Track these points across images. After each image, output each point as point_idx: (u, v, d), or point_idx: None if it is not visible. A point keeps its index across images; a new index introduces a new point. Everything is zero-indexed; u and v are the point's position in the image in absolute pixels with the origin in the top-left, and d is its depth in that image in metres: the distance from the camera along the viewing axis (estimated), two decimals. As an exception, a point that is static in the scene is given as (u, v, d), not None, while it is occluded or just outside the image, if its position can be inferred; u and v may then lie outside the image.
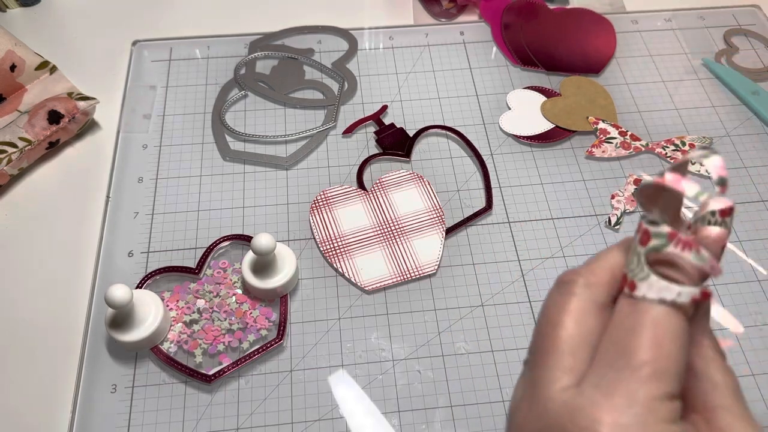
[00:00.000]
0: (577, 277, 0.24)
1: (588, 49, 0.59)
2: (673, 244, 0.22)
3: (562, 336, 0.22)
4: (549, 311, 0.24)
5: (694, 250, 0.21)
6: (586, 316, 0.23)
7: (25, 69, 0.52)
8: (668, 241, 0.22)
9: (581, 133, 0.53)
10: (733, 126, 0.54)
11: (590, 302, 0.23)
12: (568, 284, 0.24)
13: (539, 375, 0.22)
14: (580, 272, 0.24)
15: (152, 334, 0.40)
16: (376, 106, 0.54)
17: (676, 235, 0.21)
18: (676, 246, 0.21)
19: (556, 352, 0.22)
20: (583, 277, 0.24)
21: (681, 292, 0.21)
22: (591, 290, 0.23)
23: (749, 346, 0.42)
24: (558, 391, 0.21)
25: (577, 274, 0.24)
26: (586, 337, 0.22)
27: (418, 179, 0.49)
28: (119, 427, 0.39)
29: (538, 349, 0.23)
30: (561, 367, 0.22)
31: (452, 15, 0.62)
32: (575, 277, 0.24)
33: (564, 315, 0.23)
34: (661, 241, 0.22)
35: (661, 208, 0.23)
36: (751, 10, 0.63)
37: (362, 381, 0.41)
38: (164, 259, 0.46)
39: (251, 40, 0.59)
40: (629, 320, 0.21)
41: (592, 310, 0.23)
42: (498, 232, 0.47)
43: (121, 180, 0.50)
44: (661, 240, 0.22)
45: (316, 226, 0.47)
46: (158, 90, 0.55)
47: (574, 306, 0.23)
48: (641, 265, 0.22)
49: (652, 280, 0.21)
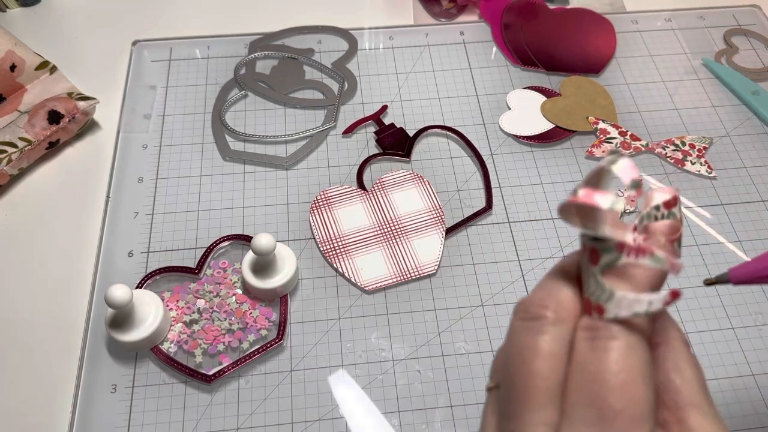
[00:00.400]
0: (545, 311, 0.22)
1: (588, 49, 0.59)
2: (625, 255, 0.21)
3: (538, 387, 0.21)
4: (521, 356, 0.22)
5: (648, 254, 0.20)
6: (560, 361, 0.21)
7: (25, 69, 0.52)
8: (619, 252, 0.21)
9: (581, 133, 0.53)
10: (733, 126, 0.54)
11: (562, 342, 0.21)
12: (536, 321, 0.22)
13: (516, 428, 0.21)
14: (547, 305, 0.22)
15: (152, 334, 0.40)
16: (376, 106, 0.54)
17: (625, 245, 0.20)
18: (629, 255, 0.20)
19: (534, 405, 0.21)
20: (551, 311, 0.22)
21: (652, 301, 0.20)
22: (561, 327, 0.22)
23: (749, 346, 0.42)
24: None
25: (545, 307, 0.22)
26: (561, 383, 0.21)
27: (418, 179, 0.49)
28: (119, 427, 0.39)
29: (513, 399, 0.22)
30: (539, 420, 0.21)
31: (452, 15, 0.62)
32: (543, 311, 0.22)
33: (538, 362, 0.21)
34: (612, 255, 0.21)
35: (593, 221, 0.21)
36: (751, 10, 0.63)
37: (362, 381, 0.41)
38: (164, 259, 0.46)
39: (251, 40, 0.59)
40: (592, 364, 0.20)
41: (564, 352, 0.21)
42: (498, 232, 0.47)
43: (121, 180, 0.50)
44: (611, 254, 0.21)
45: (316, 226, 0.47)
46: (158, 90, 0.55)
47: (548, 349, 0.21)
48: (601, 285, 0.21)
49: (618, 297, 0.20)
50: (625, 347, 0.20)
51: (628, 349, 0.20)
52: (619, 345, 0.20)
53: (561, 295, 0.22)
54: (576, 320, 0.22)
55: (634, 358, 0.20)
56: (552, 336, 0.22)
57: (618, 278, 0.21)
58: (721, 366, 0.41)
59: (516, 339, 0.23)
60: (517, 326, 0.23)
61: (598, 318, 0.21)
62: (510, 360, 0.22)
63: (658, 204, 0.23)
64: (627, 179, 0.21)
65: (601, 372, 0.20)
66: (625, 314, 0.20)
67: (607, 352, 0.20)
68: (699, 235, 0.47)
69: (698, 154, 0.51)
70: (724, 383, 0.41)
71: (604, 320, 0.21)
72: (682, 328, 0.42)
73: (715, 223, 0.48)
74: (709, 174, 0.50)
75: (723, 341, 0.42)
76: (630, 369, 0.20)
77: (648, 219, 0.23)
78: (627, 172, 0.21)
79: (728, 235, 0.47)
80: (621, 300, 0.20)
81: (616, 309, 0.20)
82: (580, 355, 0.21)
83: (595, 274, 0.21)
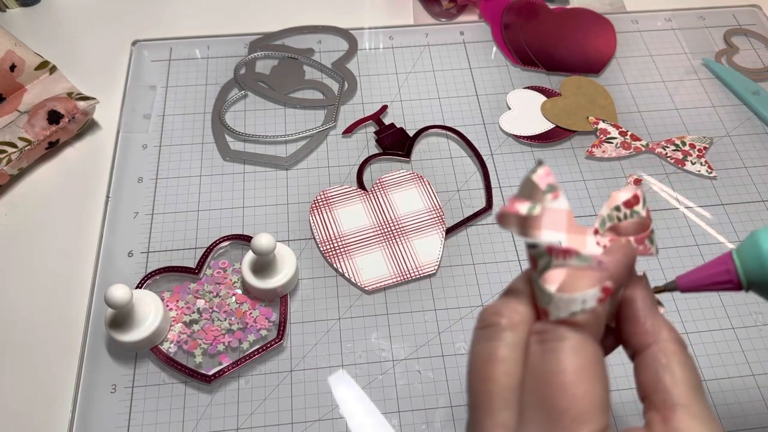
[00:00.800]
0: (499, 318, 0.22)
1: (588, 49, 0.59)
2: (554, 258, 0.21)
3: (494, 391, 0.21)
4: (477, 363, 0.22)
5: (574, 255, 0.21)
6: (515, 365, 0.22)
7: (24, 69, 0.52)
8: (549, 256, 0.21)
9: (581, 133, 0.53)
10: (733, 126, 0.54)
11: (517, 347, 0.22)
12: (491, 327, 0.22)
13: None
14: (501, 312, 0.23)
15: (152, 334, 0.40)
16: (376, 106, 0.54)
17: (553, 248, 0.21)
18: (557, 257, 0.21)
19: (490, 409, 0.21)
20: (505, 317, 0.22)
21: (585, 299, 0.21)
22: (516, 332, 0.22)
23: (749, 346, 0.42)
24: None
25: (499, 315, 0.23)
26: (518, 387, 0.22)
27: (418, 179, 0.49)
28: (119, 427, 0.39)
29: (472, 405, 0.22)
30: (497, 424, 0.21)
31: (452, 15, 0.62)
32: (497, 318, 0.23)
33: (492, 366, 0.22)
34: (545, 259, 0.22)
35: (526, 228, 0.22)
36: (751, 10, 0.63)
37: (362, 381, 0.41)
38: (164, 259, 0.46)
39: (251, 40, 0.59)
40: (541, 366, 0.21)
41: (519, 357, 0.22)
42: (498, 232, 0.47)
43: (120, 180, 0.50)
44: (544, 258, 0.22)
45: (316, 226, 0.47)
46: (158, 90, 0.55)
47: (502, 354, 0.22)
48: (542, 290, 0.22)
49: (555, 299, 0.21)
50: (572, 347, 0.21)
51: (575, 349, 0.21)
52: (565, 345, 0.21)
53: (515, 302, 0.23)
54: (530, 326, 0.23)
55: (580, 357, 0.21)
56: (505, 342, 0.22)
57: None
58: (721, 366, 0.41)
59: (473, 347, 0.23)
60: (475, 335, 0.23)
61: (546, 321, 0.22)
62: (468, 368, 0.23)
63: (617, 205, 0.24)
64: (543, 185, 0.22)
65: (548, 373, 0.21)
66: (564, 314, 0.21)
67: (554, 353, 0.21)
68: (699, 235, 0.47)
69: (698, 154, 0.51)
70: (724, 383, 0.41)
71: (553, 323, 0.22)
72: (681, 328, 0.43)
73: (715, 223, 0.48)
74: (709, 174, 0.50)
75: (723, 341, 0.42)
76: (575, 368, 0.20)
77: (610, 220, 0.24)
78: (542, 179, 0.22)
79: (728, 235, 0.47)
80: (558, 301, 0.21)
81: (556, 310, 0.21)
82: (533, 358, 0.22)
83: (536, 279, 0.22)
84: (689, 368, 0.22)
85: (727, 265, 0.25)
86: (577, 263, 0.21)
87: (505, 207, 0.22)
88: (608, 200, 0.25)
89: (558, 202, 0.22)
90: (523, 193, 0.22)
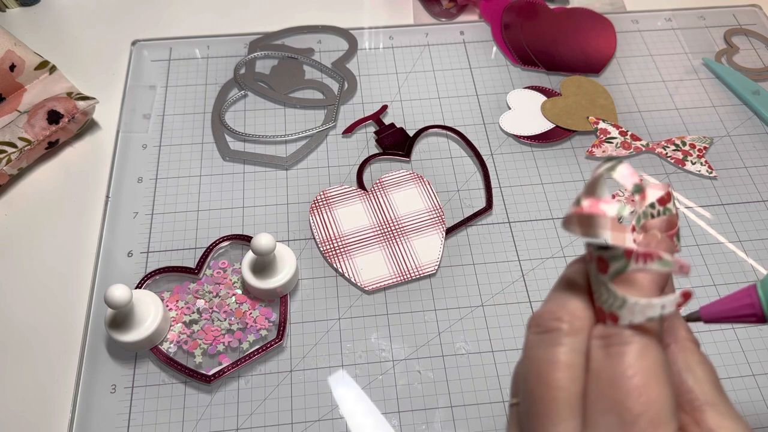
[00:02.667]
0: (559, 323, 0.22)
1: (588, 49, 0.59)
2: (633, 261, 0.21)
3: (558, 398, 0.21)
4: (538, 368, 0.22)
5: (656, 259, 0.20)
6: (578, 371, 0.21)
7: (24, 69, 0.52)
8: (627, 259, 0.21)
9: (581, 133, 0.53)
10: (733, 126, 0.54)
11: (579, 353, 0.21)
12: (552, 333, 0.22)
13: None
14: (561, 317, 0.22)
15: (152, 334, 0.40)
16: (376, 106, 0.54)
17: (632, 251, 0.21)
18: (637, 261, 0.21)
19: (556, 417, 0.21)
20: (566, 323, 0.22)
21: (664, 304, 0.20)
22: (577, 338, 0.22)
23: (749, 346, 0.42)
24: None
25: (559, 320, 0.22)
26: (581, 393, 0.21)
27: (418, 179, 0.49)
28: (119, 427, 0.39)
29: (534, 413, 0.22)
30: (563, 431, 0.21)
31: (452, 15, 0.62)
32: (557, 323, 0.22)
33: (557, 374, 0.21)
34: (621, 263, 0.21)
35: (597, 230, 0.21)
36: (751, 10, 0.63)
37: (362, 381, 0.41)
38: (164, 259, 0.46)
39: (251, 39, 0.59)
40: (607, 370, 0.20)
41: (583, 363, 0.21)
42: (498, 232, 0.47)
43: (120, 180, 0.50)
44: (620, 261, 0.21)
45: (316, 226, 0.47)
46: (158, 90, 0.55)
47: (565, 360, 0.21)
48: (613, 293, 0.21)
49: (631, 303, 0.20)
50: (639, 350, 0.20)
51: (642, 352, 0.20)
52: (632, 349, 0.20)
53: (572, 306, 0.22)
54: (590, 330, 0.22)
55: (649, 360, 0.20)
56: (568, 347, 0.21)
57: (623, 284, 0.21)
58: (721, 366, 0.41)
59: (532, 353, 0.22)
60: (532, 340, 0.23)
61: (612, 326, 0.21)
62: (528, 374, 0.22)
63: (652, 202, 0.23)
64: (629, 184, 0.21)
65: (617, 377, 0.20)
66: (639, 320, 0.20)
67: (621, 357, 0.20)
68: (699, 235, 0.47)
69: (698, 154, 0.51)
70: (725, 383, 0.40)
71: (618, 327, 0.21)
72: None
73: (715, 223, 0.48)
74: (709, 174, 0.50)
75: (723, 341, 0.42)
76: (645, 371, 0.20)
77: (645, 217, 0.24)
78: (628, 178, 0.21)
79: (728, 235, 0.47)
80: (634, 306, 0.20)
81: (629, 315, 0.20)
82: (596, 363, 0.21)
83: (606, 283, 0.21)
84: (709, 367, 0.22)
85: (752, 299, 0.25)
86: (660, 267, 0.20)
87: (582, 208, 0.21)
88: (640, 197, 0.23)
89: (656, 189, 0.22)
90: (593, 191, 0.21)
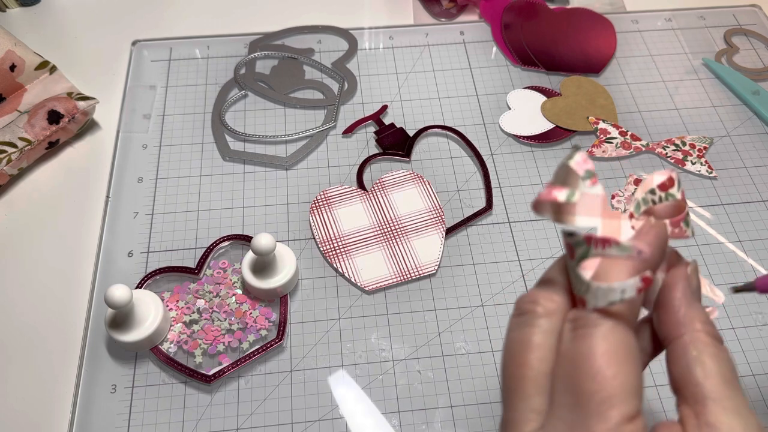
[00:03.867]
0: (535, 306, 0.23)
1: (588, 49, 0.59)
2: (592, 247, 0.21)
3: (527, 375, 0.22)
4: (512, 348, 0.23)
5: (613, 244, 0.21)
6: (549, 351, 0.22)
7: (24, 69, 0.52)
8: (588, 245, 0.21)
9: (581, 133, 0.53)
10: (733, 126, 0.54)
11: (551, 334, 0.22)
12: (527, 315, 0.23)
13: (509, 417, 0.22)
14: (537, 299, 0.23)
15: (152, 334, 0.40)
16: (376, 106, 0.54)
17: (591, 237, 0.21)
18: (596, 247, 0.21)
19: (524, 394, 0.22)
20: (541, 305, 0.23)
21: (624, 288, 0.21)
22: (551, 320, 0.22)
23: (749, 347, 0.42)
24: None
25: (535, 303, 0.23)
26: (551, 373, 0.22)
27: (418, 179, 0.49)
28: (119, 427, 0.39)
29: (506, 389, 0.23)
30: (529, 408, 0.22)
31: (452, 15, 0.62)
32: (533, 306, 0.23)
33: (527, 352, 0.22)
34: (583, 248, 0.22)
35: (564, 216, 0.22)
36: (751, 10, 0.63)
37: (362, 381, 0.41)
38: (164, 259, 0.46)
39: (251, 40, 0.59)
40: (571, 351, 0.21)
41: (553, 344, 0.22)
42: (498, 232, 0.47)
43: (120, 180, 0.50)
44: (582, 247, 0.22)
45: (316, 226, 0.47)
46: (158, 90, 0.55)
47: (536, 341, 0.22)
48: (579, 278, 0.22)
49: (593, 288, 0.21)
50: (603, 333, 0.21)
51: (606, 335, 0.21)
52: (597, 331, 0.21)
53: (550, 291, 0.23)
54: (565, 314, 0.23)
55: (611, 342, 0.21)
56: (540, 329, 0.22)
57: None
58: (721, 366, 0.41)
59: (510, 334, 0.24)
60: (511, 322, 0.24)
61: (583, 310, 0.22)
62: (504, 353, 0.23)
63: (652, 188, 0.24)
64: (581, 171, 0.22)
65: (578, 356, 0.21)
66: (602, 304, 0.21)
67: (584, 339, 0.21)
68: (699, 236, 0.47)
69: (698, 154, 0.51)
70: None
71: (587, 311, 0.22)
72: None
73: (715, 223, 0.48)
74: (709, 174, 0.50)
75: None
76: (604, 352, 0.20)
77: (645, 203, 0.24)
78: (581, 165, 0.22)
79: (728, 235, 0.47)
80: (596, 290, 0.21)
81: (593, 299, 0.21)
82: (564, 344, 0.22)
83: (573, 268, 0.22)
84: (722, 360, 0.22)
85: None
86: (617, 252, 0.21)
87: (541, 194, 0.22)
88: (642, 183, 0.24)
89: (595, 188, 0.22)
90: (558, 180, 0.22)
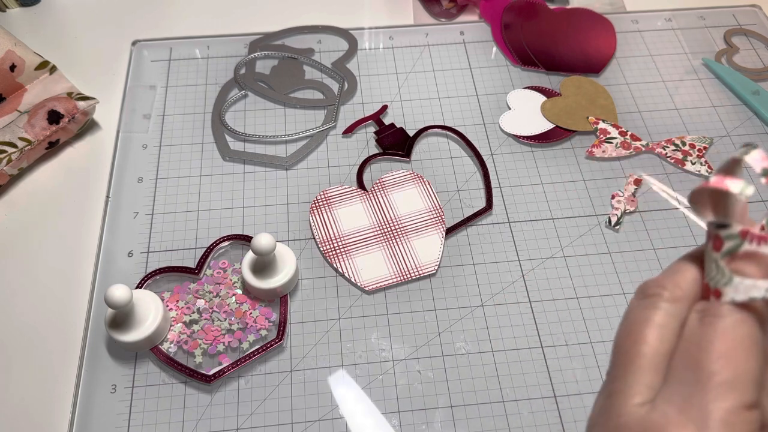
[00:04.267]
0: (661, 290, 0.23)
1: (588, 49, 0.59)
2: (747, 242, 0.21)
3: (643, 351, 0.22)
4: (631, 324, 0.23)
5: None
6: (670, 333, 0.22)
7: (24, 69, 0.52)
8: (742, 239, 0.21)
9: (581, 133, 0.53)
10: (733, 126, 0.54)
11: (674, 318, 0.22)
12: (652, 298, 0.23)
13: (617, 388, 0.22)
14: (664, 285, 0.23)
15: (152, 334, 0.40)
16: (376, 106, 0.54)
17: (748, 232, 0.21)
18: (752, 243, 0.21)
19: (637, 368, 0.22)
20: (668, 290, 0.23)
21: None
22: (676, 306, 0.23)
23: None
24: (633, 406, 0.21)
25: (662, 287, 0.23)
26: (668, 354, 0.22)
27: (418, 179, 0.49)
28: (119, 427, 0.39)
29: (618, 363, 0.23)
30: (640, 382, 0.22)
31: (452, 15, 0.62)
32: (660, 290, 0.23)
33: (647, 330, 0.22)
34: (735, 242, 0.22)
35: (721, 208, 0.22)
36: (751, 10, 0.63)
37: (362, 381, 0.41)
38: (164, 259, 0.46)
39: (251, 40, 0.59)
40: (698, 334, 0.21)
41: (675, 327, 0.22)
42: (498, 232, 0.47)
43: (120, 180, 0.50)
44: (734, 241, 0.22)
45: (316, 226, 0.47)
46: (158, 90, 0.55)
47: (658, 321, 0.22)
48: (721, 270, 0.22)
49: (736, 282, 0.21)
50: (733, 322, 0.21)
51: (736, 324, 0.21)
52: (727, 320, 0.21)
53: (680, 278, 0.23)
54: (691, 303, 0.23)
55: (740, 331, 0.21)
56: (664, 311, 0.23)
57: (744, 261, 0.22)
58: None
59: (629, 315, 0.24)
60: (633, 304, 0.24)
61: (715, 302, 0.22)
62: (619, 332, 0.24)
63: None
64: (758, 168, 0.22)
65: (705, 339, 0.21)
66: (741, 298, 0.21)
67: (713, 324, 0.21)
68: (699, 236, 0.47)
69: (698, 154, 0.51)
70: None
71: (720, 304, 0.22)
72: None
73: (715, 223, 0.48)
74: (709, 174, 0.50)
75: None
76: (733, 339, 0.21)
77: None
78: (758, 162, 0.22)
79: (728, 235, 0.47)
80: (739, 285, 0.21)
81: (733, 293, 0.21)
82: (689, 329, 0.22)
83: (717, 260, 0.22)
84: None
85: None
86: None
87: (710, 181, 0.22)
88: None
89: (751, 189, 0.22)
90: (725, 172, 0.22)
